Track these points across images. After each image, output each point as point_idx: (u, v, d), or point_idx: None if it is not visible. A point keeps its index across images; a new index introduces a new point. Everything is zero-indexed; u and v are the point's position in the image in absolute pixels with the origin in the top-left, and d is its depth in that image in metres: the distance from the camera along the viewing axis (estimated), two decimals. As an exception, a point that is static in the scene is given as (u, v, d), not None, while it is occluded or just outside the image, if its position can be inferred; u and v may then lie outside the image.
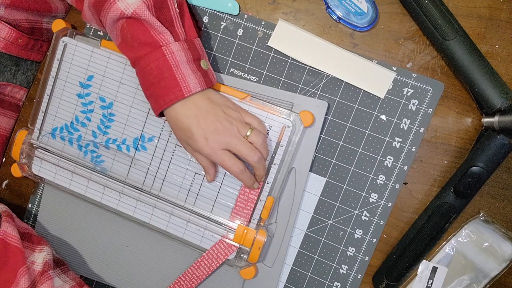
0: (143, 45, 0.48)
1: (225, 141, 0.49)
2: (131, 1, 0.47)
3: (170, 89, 0.48)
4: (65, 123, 0.59)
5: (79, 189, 0.59)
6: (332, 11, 0.54)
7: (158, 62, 0.48)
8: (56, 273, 0.55)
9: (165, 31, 0.48)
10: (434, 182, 0.56)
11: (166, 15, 0.49)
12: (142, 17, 0.47)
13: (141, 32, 0.48)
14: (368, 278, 0.58)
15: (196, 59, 0.50)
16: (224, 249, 0.56)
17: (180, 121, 0.49)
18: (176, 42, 0.48)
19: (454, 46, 0.50)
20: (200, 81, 0.49)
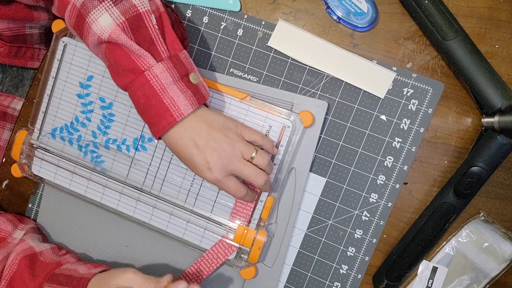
0: (127, 71, 0.46)
1: (229, 169, 0.47)
2: (104, 23, 0.45)
3: (160, 115, 0.46)
4: (65, 123, 0.59)
5: (79, 189, 0.59)
6: (332, 11, 0.54)
7: (143, 90, 0.46)
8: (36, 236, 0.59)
9: (145, 54, 0.45)
10: (434, 182, 0.56)
11: (144, 35, 0.46)
12: (119, 41, 0.45)
13: (122, 57, 0.46)
14: (368, 278, 0.58)
15: (184, 75, 0.47)
16: (224, 249, 0.56)
17: (180, 151, 0.48)
18: (159, 64, 0.46)
19: (454, 46, 0.50)
20: (191, 101, 0.47)
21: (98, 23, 0.45)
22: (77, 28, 0.48)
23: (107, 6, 0.45)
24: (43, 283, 0.51)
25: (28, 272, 0.52)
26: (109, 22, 0.45)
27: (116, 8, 0.45)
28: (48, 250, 0.57)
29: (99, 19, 0.45)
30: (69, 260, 0.55)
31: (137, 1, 0.46)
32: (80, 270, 0.52)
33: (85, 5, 0.45)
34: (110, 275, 0.49)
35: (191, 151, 0.47)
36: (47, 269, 0.53)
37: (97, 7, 0.45)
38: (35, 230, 0.60)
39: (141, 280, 0.49)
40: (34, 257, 0.54)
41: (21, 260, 0.53)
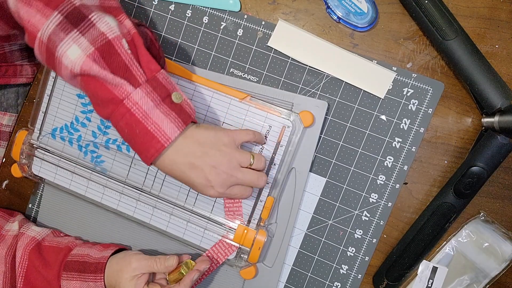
0: (106, 102, 0.44)
1: (230, 181, 0.47)
2: (74, 56, 0.43)
3: (147, 143, 0.44)
4: (65, 123, 0.59)
5: (79, 189, 0.59)
6: (332, 11, 0.54)
7: (125, 119, 0.44)
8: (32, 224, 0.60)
9: (121, 82, 0.43)
10: (434, 182, 0.56)
11: (118, 62, 0.44)
12: (91, 73, 0.43)
13: (98, 89, 0.44)
14: (368, 278, 0.58)
15: (166, 96, 0.45)
16: (224, 249, 0.56)
17: (177, 175, 0.47)
18: (137, 89, 0.44)
19: (454, 46, 0.50)
20: (176, 123, 0.45)
21: (67, 56, 0.43)
22: (50, 63, 0.45)
23: (74, 37, 0.43)
24: (60, 272, 0.53)
25: (41, 263, 0.54)
26: (79, 54, 0.43)
27: (84, 38, 0.43)
28: (49, 234, 0.58)
29: (68, 52, 0.43)
30: (76, 243, 0.57)
31: (105, 28, 0.44)
32: (92, 254, 0.54)
33: (52, 39, 0.43)
34: (119, 265, 0.52)
35: (188, 173, 0.46)
36: (59, 256, 0.54)
37: (64, 40, 0.43)
38: (26, 219, 0.61)
39: (147, 264, 0.52)
40: (40, 246, 0.56)
41: (30, 254, 0.54)
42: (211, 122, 0.56)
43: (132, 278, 0.51)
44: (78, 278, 0.52)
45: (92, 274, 0.52)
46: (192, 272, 0.51)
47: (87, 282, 0.52)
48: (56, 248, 0.55)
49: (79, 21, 0.43)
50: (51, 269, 0.53)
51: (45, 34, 0.43)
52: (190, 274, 0.51)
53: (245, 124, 0.55)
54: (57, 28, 0.43)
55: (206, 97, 0.56)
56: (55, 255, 0.54)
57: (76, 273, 0.52)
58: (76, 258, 0.54)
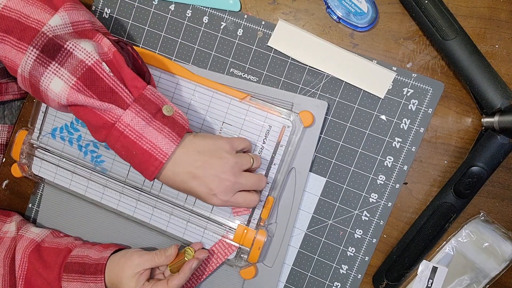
0: (98, 128, 0.44)
1: (234, 188, 0.47)
2: (58, 89, 0.43)
3: (145, 162, 0.44)
4: (65, 123, 0.59)
5: (79, 189, 0.59)
6: (332, 11, 0.54)
7: (120, 142, 0.44)
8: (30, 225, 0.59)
9: (110, 107, 0.43)
10: (434, 182, 0.56)
11: (102, 86, 0.43)
12: (78, 103, 0.43)
13: (88, 116, 0.44)
14: (368, 278, 0.58)
15: (156, 112, 0.45)
16: (224, 249, 0.56)
17: (179, 186, 0.47)
18: (126, 111, 0.44)
19: (454, 46, 0.50)
20: (171, 137, 0.45)
21: (51, 90, 0.43)
22: (37, 96, 0.46)
23: (54, 70, 0.43)
24: (61, 273, 0.53)
25: (41, 265, 0.54)
26: (62, 86, 0.42)
27: (64, 69, 0.43)
28: (48, 235, 0.58)
29: (51, 86, 0.43)
30: (75, 244, 0.57)
31: (83, 55, 0.43)
32: (91, 255, 0.54)
33: (33, 75, 0.43)
34: (120, 264, 0.52)
35: (191, 184, 0.46)
36: (59, 257, 0.54)
37: (45, 73, 0.43)
38: (24, 221, 0.61)
39: (149, 258, 0.52)
40: (39, 248, 0.56)
41: (29, 256, 0.54)
42: (211, 122, 0.56)
43: (134, 275, 0.51)
44: (79, 280, 0.52)
45: (92, 275, 0.52)
46: (190, 261, 0.52)
47: (88, 283, 0.52)
48: (56, 249, 0.55)
49: (56, 52, 0.42)
50: (52, 270, 0.53)
51: (25, 71, 0.43)
52: (189, 262, 0.52)
53: (245, 124, 0.55)
54: (35, 63, 0.42)
55: (206, 97, 0.56)
56: (55, 257, 0.54)
57: (76, 274, 0.53)
58: (76, 259, 0.54)
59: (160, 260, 0.52)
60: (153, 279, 0.53)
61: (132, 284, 0.51)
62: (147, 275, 0.52)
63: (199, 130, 0.56)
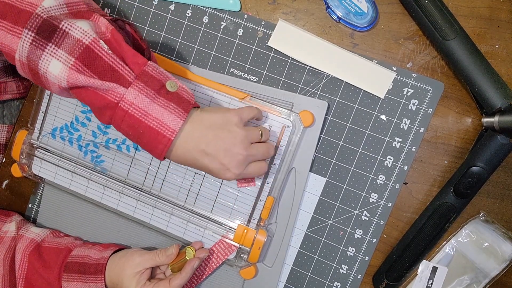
0: (102, 109, 0.43)
1: (246, 160, 0.47)
2: (57, 71, 0.41)
3: (154, 140, 0.43)
4: (65, 123, 0.59)
5: (79, 189, 0.59)
6: (332, 11, 0.54)
7: (125, 122, 0.43)
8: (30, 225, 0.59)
9: (111, 85, 0.42)
10: (434, 182, 0.56)
11: (102, 65, 0.42)
12: (79, 84, 0.42)
13: (91, 97, 0.43)
14: (368, 278, 0.58)
15: (160, 88, 0.44)
16: (224, 249, 0.56)
17: (192, 163, 0.46)
18: (129, 89, 0.42)
19: (454, 46, 0.50)
20: (177, 113, 0.44)
21: (50, 73, 0.42)
22: (37, 82, 0.44)
23: (51, 52, 0.41)
24: (61, 273, 0.53)
25: (41, 265, 0.54)
26: (60, 68, 0.41)
27: (61, 50, 0.41)
28: (48, 235, 0.58)
29: (50, 69, 0.42)
30: (75, 244, 0.57)
31: (79, 34, 0.42)
32: (92, 255, 0.54)
33: (31, 59, 0.42)
34: (121, 263, 0.52)
35: (202, 161, 0.45)
36: (59, 257, 0.54)
37: (42, 56, 0.41)
38: (24, 220, 0.61)
39: (150, 257, 0.52)
40: (39, 248, 0.56)
41: (30, 256, 0.54)
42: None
43: (135, 274, 0.51)
44: (79, 280, 0.52)
45: (92, 275, 0.52)
46: (192, 260, 0.52)
47: (88, 283, 0.52)
48: (56, 249, 0.55)
49: (52, 34, 0.41)
50: (52, 270, 0.53)
51: (23, 56, 0.42)
52: (190, 262, 0.52)
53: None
54: (32, 47, 0.41)
55: (206, 97, 0.56)
56: (55, 257, 0.54)
57: (76, 274, 0.53)
58: (76, 259, 0.54)
59: (161, 259, 0.52)
60: (154, 278, 0.53)
61: (133, 284, 0.51)
62: (148, 274, 0.52)
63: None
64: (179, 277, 0.51)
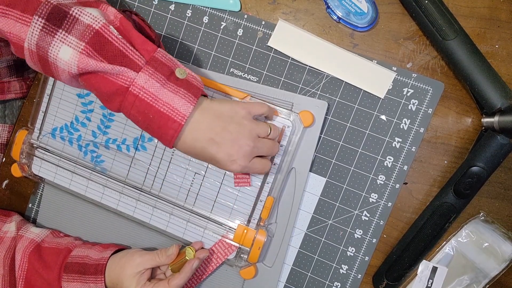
0: (112, 95, 0.43)
1: (252, 153, 0.47)
2: (66, 57, 0.41)
3: (164, 126, 0.43)
4: (65, 123, 0.59)
5: (79, 189, 0.59)
6: (332, 11, 0.54)
7: (136, 107, 0.43)
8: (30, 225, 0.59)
9: (122, 69, 0.42)
10: (434, 182, 0.56)
11: (112, 50, 0.42)
12: (89, 69, 0.42)
13: (101, 83, 0.43)
14: (368, 278, 0.58)
15: (170, 74, 0.44)
16: (224, 249, 0.56)
17: (199, 153, 0.46)
18: (140, 74, 0.42)
19: (454, 46, 0.50)
20: (188, 98, 0.44)
21: (61, 59, 0.42)
22: (47, 71, 0.44)
23: (61, 38, 0.41)
24: (61, 274, 0.53)
25: (41, 265, 0.54)
26: (71, 53, 0.41)
27: (71, 36, 0.42)
28: (48, 235, 0.58)
29: (60, 55, 0.41)
30: (75, 244, 0.57)
31: (89, 20, 0.42)
32: (92, 255, 0.54)
33: (40, 46, 0.42)
34: (121, 264, 0.52)
35: (210, 150, 0.45)
36: (59, 257, 0.54)
37: (53, 43, 0.41)
38: (24, 221, 0.61)
39: (150, 258, 0.52)
40: (39, 248, 0.55)
41: (29, 256, 0.54)
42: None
43: (135, 274, 0.51)
44: (79, 280, 0.52)
45: (92, 275, 0.52)
46: (191, 260, 0.52)
47: (88, 283, 0.52)
48: (56, 249, 0.55)
49: (62, 20, 0.41)
50: (52, 271, 0.53)
51: (32, 43, 0.42)
52: (190, 262, 0.52)
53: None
54: (42, 33, 0.41)
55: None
56: (55, 257, 0.54)
57: (76, 274, 0.53)
58: (76, 259, 0.54)
59: (161, 259, 0.52)
60: (154, 279, 0.53)
61: (133, 284, 0.51)
62: (148, 274, 0.52)
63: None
64: (178, 277, 0.51)
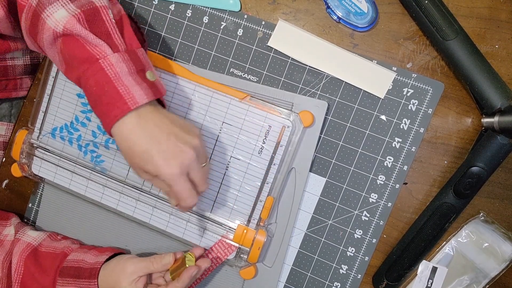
0: (81, 62, 0.44)
1: (187, 166, 0.44)
2: (59, 16, 0.44)
3: (113, 103, 0.42)
4: (65, 123, 0.59)
5: (79, 189, 0.59)
6: (332, 11, 0.54)
7: (96, 77, 0.43)
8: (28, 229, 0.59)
9: (101, 43, 0.44)
10: (434, 182, 0.56)
11: (101, 28, 0.45)
12: (74, 31, 0.44)
13: (77, 48, 0.44)
14: (368, 278, 0.58)
15: (140, 70, 0.45)
16: (223, 249, 0.56)
17: (135, 143, 0.43)
18: (115, 54, 0.44)
19: (454, 46, 0.50)
20: (146, 92, 0.44)
21: (53, 17, 0.44)
22: (32, 28, 0.46)
23: (63, 3, 0.45)
24: (56, 278, 0.53)
25: (37, 269, 0.53)
26: (64, 14, 0.44)
27: (72, 4, 0.45)
28: (46, 239, 0.58)
29: (55, 14, 0.44)
30: (72, 248, 0.56)
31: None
32: (87, 259, 0.54)
33: (41, 2, 0.45)
34: (115, 274, 0.51)
35: (149, 143, 0.43)
36: (55, 262, 0.54)
37: (53, 4, 0.45)
38: (21, 223, 0.61)
39: (144, 266, 0.51)
40: (36, 252, 0.55)
41: (26, 260, 0.54)
42: (210, 122, 0.56)
43: (130, 283, 0.50)
44: (74, 284, 0.52)
45: (86, 279, 0.51)
46: (191, 268, 0.50)
47: (82, 287, 0.52)
48: (53, 254, 0.55)
49: None
50: (47, 275, 0.53)
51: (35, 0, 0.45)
52: (189, 270, 0.50)
53: (245, 124, 0.55)
54: None
55: (206, 97, 0.56)
56: (51, 261, 0.54)
57: (71, 279, 0.52)
58: (71, 263, 0.53)
59: (156, 267, 0.51)
60: (152, 284, 0.53)
61: None
62: (144, 281, 0.51)
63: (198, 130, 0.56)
64: (175, 286, 0.50)
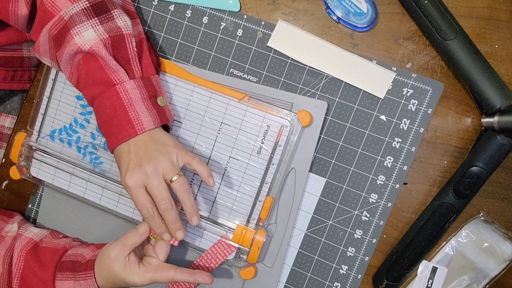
0: (98, 83, 0.48)
1: (143, 177, 0.47)
2: (88, 37, 0.48)
3: (122, 127, 0.48)
4: (64, 125, 0.59)
5: (78, 191, 0.59)
6: (332, 11, 0.54)
7: (111, 100, 0.48)
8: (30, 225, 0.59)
9: (120, 69, 0.48)
10: (434, 182, 0.56)
11: (123, 54, 0.49)
12: (99, 53, 0.48)
13: (96, 70, 0.48)
14: (368, 278, 0.58)
15: (152, 96, 0.50)
16: (223, 249, 0.56)
17: (117, 159, 0.49)
18: (130, 80, 0.48)
19: (453, 46, 0.50)
20: (154, 119, 0.49)
21: (82, 36, 0.48)
22: (56, 38, 0.49)
23: (93, 24, 0.48)
24: (55, 273, 0.53)
25: (37, 264, 0.53)
26: (93, 36, 0.48)
27: (101, 27, 0.49)
28: (47, 236, 0.58)
29: (84, 33, 0.48)
30: (73, 245, 0.57)
31: (122, 24, 0.50)
32: (85, 254, 0.54)
33: (73, 19, 0.48)
34: (105, 265, 0.51)
35: (123, 156, 0.48)
36: (55, 257, 0.54)
37: (84, 23, 0.48)
38: (24, 220, 0.61)
39: (123, 243, 0.50)
40: (36, 247, 0.55)
41: (26, 255, 0.54)
42: (209, 122, 0.56)
43: (122, 265, 0.50)
44: (72, 278, 0.52)
45: (82, 272, 0.52)
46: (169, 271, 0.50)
47: (79, 280, 0.52)
48: (53, 249, 0.55)
49: (102, 12, 0.49)
50: (47, 270, 0.53)
51: (68, 13, 0.48)
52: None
53: (244, 124, 0.55)
54: (81, 12, 0.48)
55: (204, 97, 0.56)
56: (51, 256, 0.54)
57: (70, 273, 0.52)
58: (70, 258, 0.54)
59: (136, 240, 0.50)
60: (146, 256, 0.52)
61: (132, 274, 0.49)
62: (134, 257, 0.50)
63: (197, 130, 0.56)
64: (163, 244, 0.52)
